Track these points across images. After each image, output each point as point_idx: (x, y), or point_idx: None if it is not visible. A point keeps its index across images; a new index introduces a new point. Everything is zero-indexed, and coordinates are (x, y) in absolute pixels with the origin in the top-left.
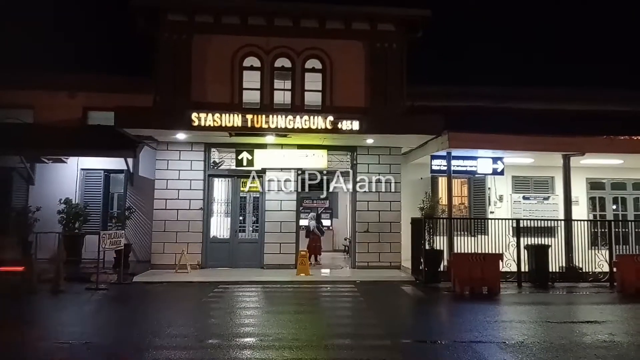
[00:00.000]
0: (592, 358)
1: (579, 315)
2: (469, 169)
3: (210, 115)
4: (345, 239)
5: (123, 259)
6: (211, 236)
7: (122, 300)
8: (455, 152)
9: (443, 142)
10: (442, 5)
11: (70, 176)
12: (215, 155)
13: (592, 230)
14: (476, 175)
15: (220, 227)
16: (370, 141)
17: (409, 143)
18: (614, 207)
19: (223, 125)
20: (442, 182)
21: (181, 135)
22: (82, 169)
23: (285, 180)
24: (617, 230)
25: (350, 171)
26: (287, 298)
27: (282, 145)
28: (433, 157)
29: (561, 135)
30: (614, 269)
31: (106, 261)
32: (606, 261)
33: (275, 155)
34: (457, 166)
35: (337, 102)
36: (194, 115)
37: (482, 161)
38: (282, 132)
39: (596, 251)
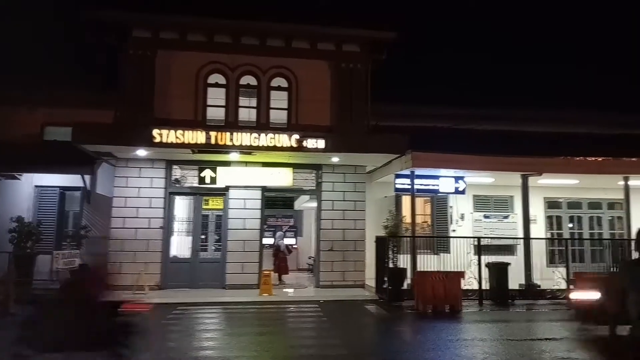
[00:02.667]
0: None
1: (538, 333)
2: (431, 187)
3: (172, 131)
4: (310, 258)
5: None
6: (171, 256)
7: None
8: (418, 171)
9: (407, 162)
10: (410, 26)
11: (23, 193)
12: (177, 172)
13: (550, 248)
14: (439, 194)
15: (181, 246)
16: (335, 159)
17: (373, 162)
18: (571, 225)
19: (186, 142)
20: (406, 200)
21: (142, 152)
22: (36, 186)
23: (249, 199)
24: (573, 248)
25: (316, 189)
26: (249, 319)
27: (246, 163)
28: (397, 176)
29: (520, 156)
30: (571, 287)
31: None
32: (563, 278)
33: (240, 173)
34: (421, 185)
35: (303, 120)
36: (155, 132)
37: (445, 180)
38: (247, 149)
39: (554, 269)
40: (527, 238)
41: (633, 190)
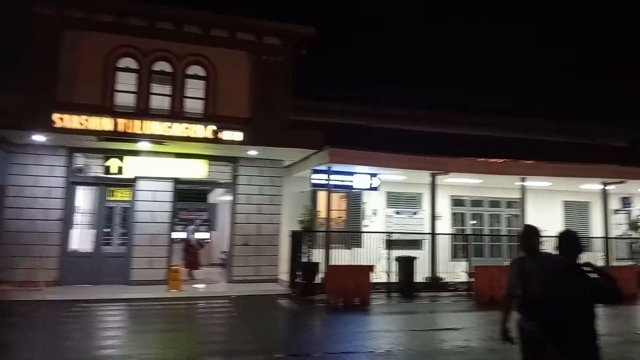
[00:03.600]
0: None
1: (440, 323)
2: (347, 183)
3: (75, 116)
4: (223, 252)
5: None
6: (71, 249)
7: None
8: (335, 167)
9: (324, 157)
10: (334, 24)
11: None
12: (80, 161)
13: (454, 243)
14: (353, 190)
15: (82, 239)
16: (253, 153)
17: (291, 156)
18: (474, 222)
19: (91, 128)
20: (322, 196)
21: (40, 137)
22: None
23: (159, 190)
24: (474, 243)
25: (231, 182)
26: (155, 316)
27: (158, 153)
28: (314, 171)
29: (430, 155)
30: (472, 279)
31: None
32: (465, 272)
33: (150, 163)
34: (337, 181)
35: (220, 111)
36: (56, 116)
37: (360, 177)
38: (158, 139)
39: (456, 262)
40: (433, 233)
41: (529, 190)
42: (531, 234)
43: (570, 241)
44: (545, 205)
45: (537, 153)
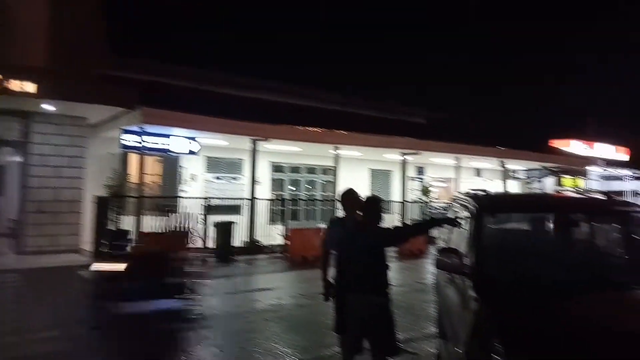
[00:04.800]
0: (261, 321)
1: (254, 285)
2: (163, 146)
3: None
4: (11, 220)
5: None
6: None
7: None
8: (150, 129)
9: (136, 117)
10: None
11: None
12: None
13: (272, 208)
14: (170, 154)
15: None
16: (49, 107)
17: (98, 114)
18: (293, 188)
19: None
20: (134, 158)
21: None
22: None
23: None
24: (291, 208)
25: (23, 141)
26: None
27: None
28: (124, 131)
29: (251, 121)
30: (287, 242)
31: None
32: (281, 235)
33: None
34: (151, 143)
35: (9, 57)
36: None
37: (178, 140)
38: None
39: (274, 226)
40: (252, 199)
41: (341, 159)
42: (346, 198)
43: (373, 205)
44: (355, 172)
45: (349, 125)
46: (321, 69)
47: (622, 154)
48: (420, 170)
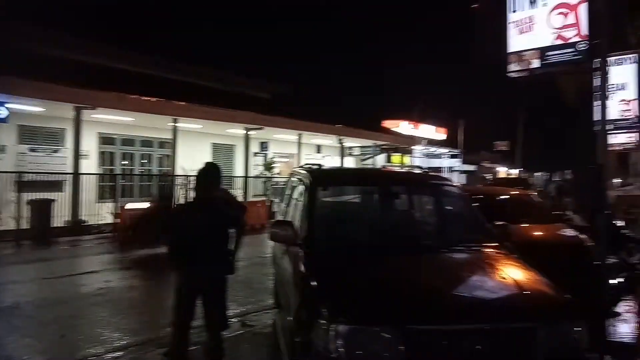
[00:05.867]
0: (86, 307)
1: (79, 268)
2: None
3: None
4: None
5: None
6: None
7: None
8: None
9: None
10: None
11: None
12: None
13: (101, 184)
14: None
15: None
16: None
17: None
18: (126, 162)
19: None
20: None
21: None
22: None
23: None
24: (124, 183)
25: None
26: None
27: None
28: None
29: (73, 86)
30: (118, 220)
31: None
32: (111, 213)
33: None
34: None
35: None
36: None
37: None
38: None
39: (103, 204)
40: (76, 174)
41: (180, 132)
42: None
43: (209, 175)
44: (196, 146)
45: (189, 96)
46: (159, 35)
47: (441, 134)
48: (264, 146)
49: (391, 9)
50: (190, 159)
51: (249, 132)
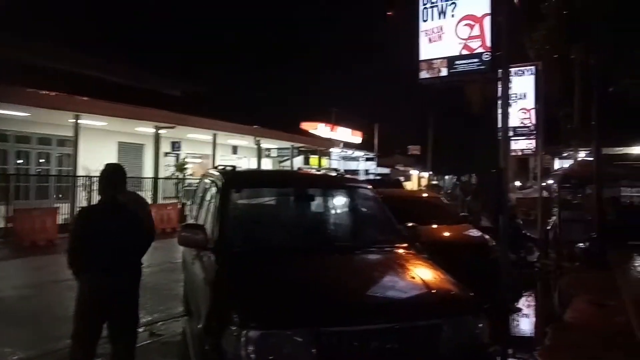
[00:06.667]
0: None
1: None
2: None
3: None
4: None
5: None
6: None
7: None
8: None
9: None
10: None
11: None
12: None
13: None
14: None
15: None
16: None
17: None
18: (21, 161)
19: None
20: None
21: None
22: None
23: None
24: (18, 184)
25: None
26: None
27: None
28: None
29: None
30: (11, 224)
31: None
32: (3, 216)
33: None
34: None
35: None
36: None
37: None
38: None
39: None
40: None
41: (83, 129)
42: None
43: (111, 177)
44: (100, 145)
45: (92, 91)
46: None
47: (357, 137)
48: (176, 146)
49: (310, 12)
50: (94, 158)
51: (159, 131)
